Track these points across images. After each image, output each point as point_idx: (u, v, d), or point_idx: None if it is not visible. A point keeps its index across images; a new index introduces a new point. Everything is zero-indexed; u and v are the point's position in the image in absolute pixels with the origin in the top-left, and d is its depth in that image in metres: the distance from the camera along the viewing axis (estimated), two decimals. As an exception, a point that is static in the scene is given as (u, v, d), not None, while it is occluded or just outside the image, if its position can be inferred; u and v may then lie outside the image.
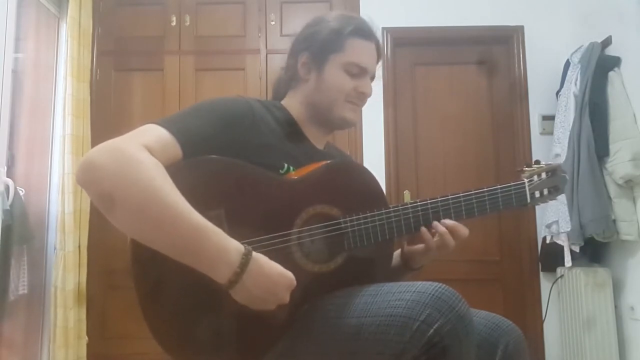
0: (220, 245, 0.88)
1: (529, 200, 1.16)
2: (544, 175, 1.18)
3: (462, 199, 1.11)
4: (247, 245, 0.91)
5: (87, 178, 0.90)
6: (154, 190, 0.87)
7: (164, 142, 0.95)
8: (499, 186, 1.14)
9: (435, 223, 1.10)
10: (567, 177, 1.22)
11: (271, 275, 0.91)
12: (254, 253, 0.90)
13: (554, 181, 1.19)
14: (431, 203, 1.10)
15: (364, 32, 1.17)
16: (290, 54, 1.22)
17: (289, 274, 0.92)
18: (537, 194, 1.18)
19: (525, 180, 1.16)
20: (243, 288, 0.89)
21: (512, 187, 1.15)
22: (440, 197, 1.11)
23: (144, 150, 0.91)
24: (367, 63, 1.17)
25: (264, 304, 0.92)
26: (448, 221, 1.10)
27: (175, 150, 0.96)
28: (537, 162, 1.22)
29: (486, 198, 1.12)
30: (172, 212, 0.87)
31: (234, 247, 0.89)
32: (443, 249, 1.12)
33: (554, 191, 1.19)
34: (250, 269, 0.88)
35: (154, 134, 0.95)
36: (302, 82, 1.19)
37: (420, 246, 1.15)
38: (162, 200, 0.87)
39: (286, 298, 0.93)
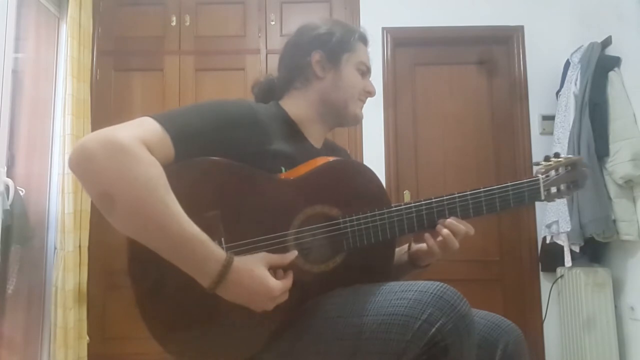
0: (203, 255, 0.89)
1: (543, 197, 1.11)
2: (561, 169, 1.13)
3: (469, 197, 1.08)
4: (232, 254, 0.92)
5: (82, 168, 0.89)
6: (148, 192, 0.87)
7: (160, 139, 0.94)
8: (509, 183, 1.09)
9: (438, 226, 1.08)
10: (588, 171, 1.17)
11: (250, 286, 0.92)
12: (235, 264, 0.91)
13: (574, 176, 1.14)
14: (436, 202, 1.08)
15: (366, 38, 1.27)
16: (294, 54, 1.22)
17: (271, 284, 0.93)
18: (554, 190, 1.13)
19: (540, 177, 1.12)
20: (225, 295, 0.92)
21: (525, 185, 1.10)
22: (446, 196, 1.08)
23: (142, 146, 0.90)
24: (370, 63, 1.26)
25: (248, 308, 0.94)
26: (450, 221, 1.08)
27: (168, 148, 0.95)
28: (557, 154, 1.16)
29: (496, 196, 1.09)
30: (163, 218, 0.87)
31: (215, 257, 0.90)
32: (447, 250, 1.10)
33: (573, 187, 1.14)
34: (228, 279, 0.90)
35: (151, 129, 0.94)
36: (317, 80, 1.20)
37: (424, 246, 1.14)
38: (155, 203, 0.87)
39: (269, 306, 0.94)
